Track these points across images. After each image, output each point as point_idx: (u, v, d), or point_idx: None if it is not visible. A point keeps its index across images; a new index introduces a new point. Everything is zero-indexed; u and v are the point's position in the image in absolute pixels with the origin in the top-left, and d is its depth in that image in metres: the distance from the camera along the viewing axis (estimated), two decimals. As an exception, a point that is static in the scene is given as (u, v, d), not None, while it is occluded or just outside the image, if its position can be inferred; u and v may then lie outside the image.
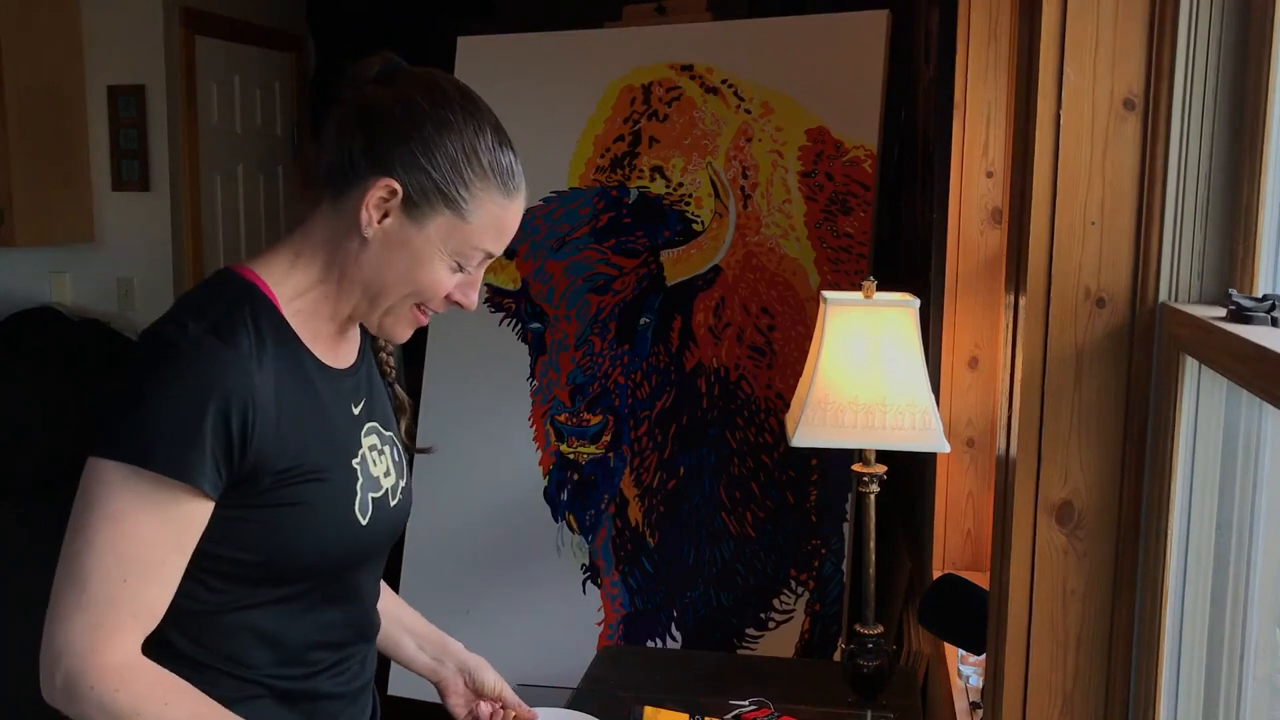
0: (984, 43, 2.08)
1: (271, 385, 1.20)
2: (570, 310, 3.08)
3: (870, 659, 1.93)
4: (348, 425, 1.32)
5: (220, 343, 1.17)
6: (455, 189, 1.23)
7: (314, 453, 1.24)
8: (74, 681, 1.14)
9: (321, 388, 1.28)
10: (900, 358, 1.87)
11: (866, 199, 2.93)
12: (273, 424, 1.19)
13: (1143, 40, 0.99)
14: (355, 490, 1.29)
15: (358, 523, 1.28)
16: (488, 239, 1.26)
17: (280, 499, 1.22)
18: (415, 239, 1.24)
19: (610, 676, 2.17)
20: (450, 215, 1.24)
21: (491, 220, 1.26)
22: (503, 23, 4.10)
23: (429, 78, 1.28)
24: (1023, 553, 1.05)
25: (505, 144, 1.28)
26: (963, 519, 2.19)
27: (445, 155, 1.23)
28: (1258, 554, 0.96)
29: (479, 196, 1.24)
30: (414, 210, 1.23)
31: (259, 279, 1.26)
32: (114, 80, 4.20)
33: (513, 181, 1.27)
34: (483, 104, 1.29)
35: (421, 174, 1.22)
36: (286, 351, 1.24)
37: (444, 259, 1.25)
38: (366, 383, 1.38)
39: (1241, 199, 0.96)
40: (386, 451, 1.38)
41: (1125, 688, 1.05)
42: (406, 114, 1.24)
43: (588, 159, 3.15)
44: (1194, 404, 0.96)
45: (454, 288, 1.28)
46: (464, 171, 1.23)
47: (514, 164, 1.28)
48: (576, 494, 3.04)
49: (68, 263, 4.31)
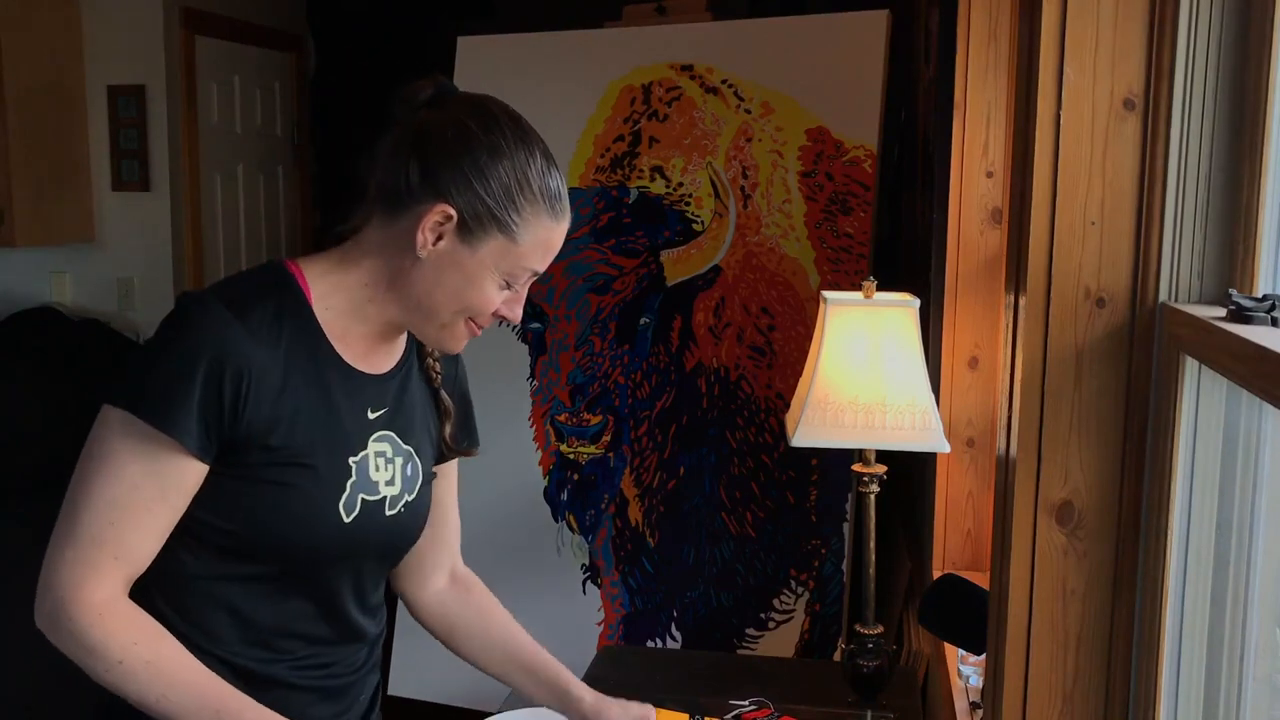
0: (984, 43, 2.08)
1: (279, 364, 1.25)
2: (570, 310, 3.08)
3: (870, 659, 1.93)
4: (356, 424, 1.34)
5: (230, 313, 1.23)
6: (508, 213, 1.27)
7: (309, 440, 1.28)
8: (57, 612, 1.20)
9: (335, 383, 1.31)
10: (900, 358, 1.87)
11: (866, 199, 2.93)
12: (270, 399, 1.24)
13: (1143, 40, 0.99)
14: (344, 486, 1.31)
15: (339, 518, 1.30)
16: (535, 259, 1.31)
17: (266, 475, 1.26)
18: (468, 261, 1.28)
19: (610, 676, 2.17)
20: (503, 238, 1.28)
21: (540, 242, 1.30)
22: (503, 23, 4.10)
23: (481, 103, 1.33)
24: (1023, 553, 1.05)
25: (553, 167, 1.32)
26: (963, 519, 2.19)
27: (499, 181, 1.27)
28: (1258, 554, 0.96)
29: (529, 220, 1.28)
30: (468, 234, 1.27)
31: (300, 272, 1.32)
32: (114, 80, 4.20)
33: (560, 205, 1.31)
34: (531, 130, 1.33)
35: (475, 199, 1.27)
36: (305, 341, 1.29)
37: (494, 279, 1.29)
38: (398, 394, 1.40)
39: (1241, 199, 0.96)
40: (397, 463, 1.38)
41: (1125, 688, 1.05)
42: (460, 139, 1.28)
43: (588, 159, 3.15)
44: (1194, 404, 0.96)
45: (501, 304, 1.32)
46: (516, 197, 1.28)
47: (560, 187, 1.32)
48: (576, 494, 3.04)
49: (68, 263, 4.31)
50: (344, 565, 1.35)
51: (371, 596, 1.43)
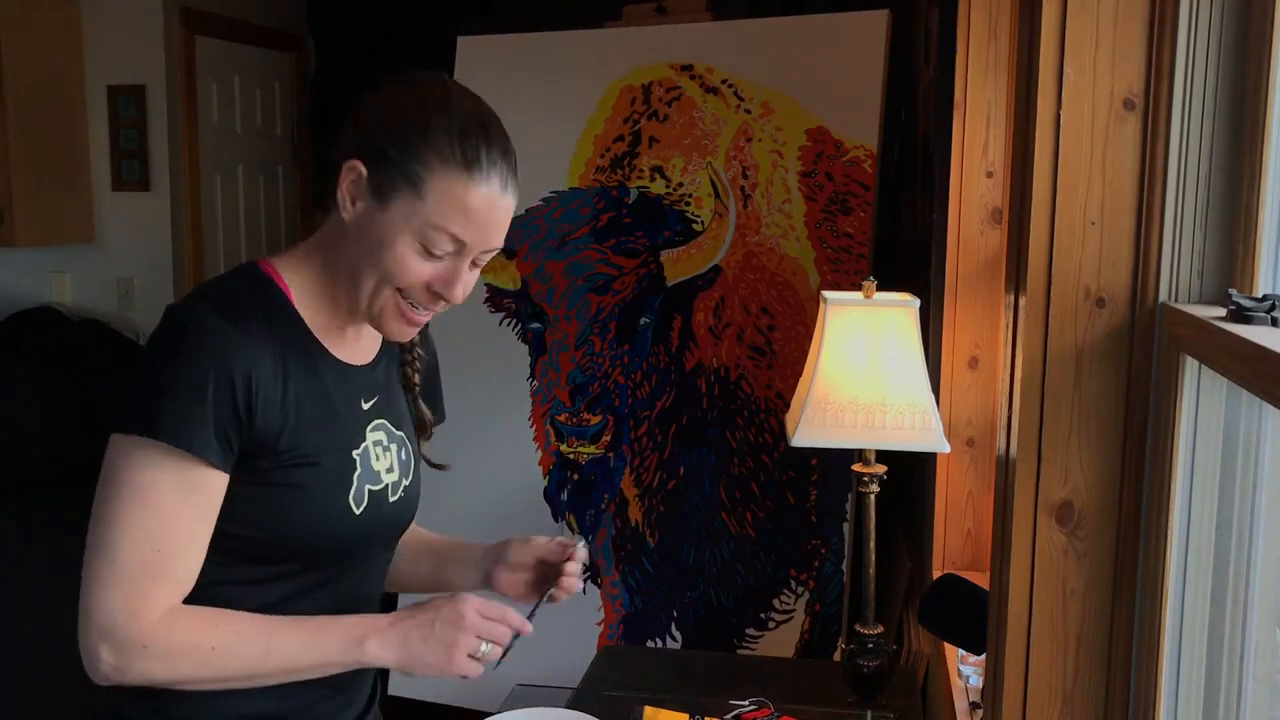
0: (984, 43, 2.08)
1: (277, 368, 1.25)
2: (570, 310, 3.08)
3: (870, 659, 1.93)
4: (353, 417, 1.35)
5: (225, 321, 1.23)
6: (412, 165, 1.23)
7: (312, 438, 1.28)
8: (127, 649, 1.19)
9: (328, 378, 1.32)
10: (900, 358, 1.87)
11: (866, 199, 2.93)
12: (276, 401, 1.24)
13: (1143, 40, 0.99)
14: (351, 480, 1.32)
15: (350, 511, 1.31)
16: (451, 220, 1.25)
17: (277, 479, 1.26)
18: (381, 220, 1.25)
19: (610, 676, 2.17)
20: (409, 193, 1.24)
21: (452, 200, 1.24)
22: (503, 23, 4.10)
23: (415, 75, 1.31)
24: (1023, 553, 1.05)
25: (481, 130, 1.26)
26: (963, 519, 2.19)
27: (401, 131, 1.24)
28: (1258, 554, 0.96)
29: (437, 173, 1.23)
30: (378, 190, 1.25)
31: (276, 272, 1.31)
32: (114, 80, 4.20)
33: (479, 163, 1.25)
34: (468, 97, 1.30)
35: (380, 152, 1.25)
36: (294, 340, 1.29)
37: (408, 241, 1.25)
38: (385, 382, 1.41)
39: (1241, 199, 0.96)
40: (393, 449, 1.40)
41: (1125, 688, 1.05)
42: (379, 103, 1.28)
43: (588, 159, 3.15)
44: (1194, 404, 0.96)
45: (432, 277, 1.28)
46: (421, 147, 1.24)
47: (485, 147, 1.26)
48: (576, 494, 3.04)
49: (68, 263, 4.31)
50: (358, 556, 1.37)
51: (379, 583, 1.45)
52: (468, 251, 1.28)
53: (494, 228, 1.29)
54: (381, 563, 1.44)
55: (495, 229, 1.29)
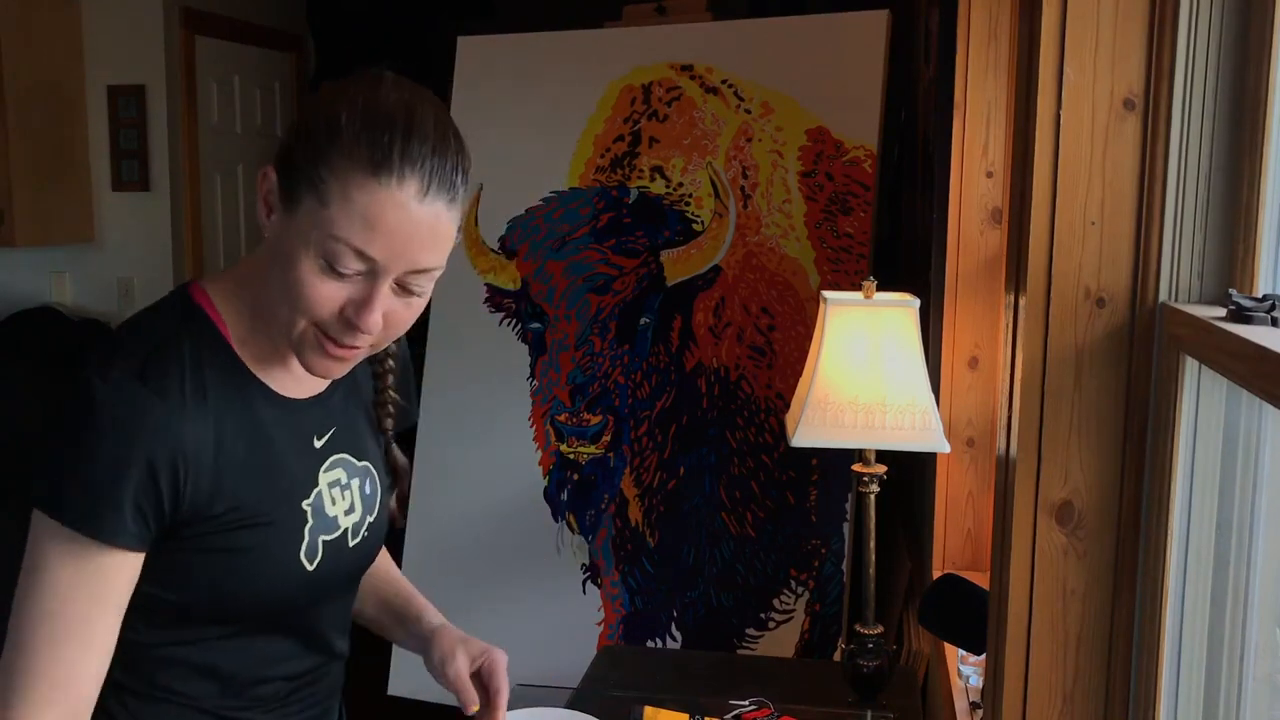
0: (984, 43, 2.08)
1: (209, 430, 1.11)
2: (570, 310, 3.07)
3: (870, 659, 1.93)
4: (303, 462, 1.21)
5: (146, 390, 1.08)
6: (315, 166, 1.06)
7: (255, 497, 1.15)
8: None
9: (272, 424, 1.18)
10: (900, 358, 1.87)
11: (866, 199, 2.93)
12: (208, 472, 1.11)
13: (1143, 40, 0.99)
14: (303, 535, 1.19)
15: (303, 569, 1.19)
16: (353, 231, 1.04)
17: (215, 544, 1.13)
18: (289, 232, 1.08)
19: (610, 676, 2.17)
20: (312, 200, 1.06)
21: (356, 207, 1.04)
22: (503, 23, 4.10)
23: (359, 73, 1.13)
24: (1023, 553, 1.05)
25: (400, 124, 1.06)
26: (963, 519, 2.19)
27: (309, 128, 1.08)
28: (1258, 554, 0.96)
29: (339, 174, 1.05)
30: (287, 198, 1.08)
31: (208, 302, 1.17)
32: (114, 80, 4.20)
33: (390, 161, 1.04)
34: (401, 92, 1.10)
35: (288, 153, 1.09)
36: (231, 386, 1.15)
37: (310, 255, 1.06)
38: (341, 411, 1.27)
39: (1241, 199, 0.96)
40: (354, 486, 1.27)
41: (1125, 688, 1.05)
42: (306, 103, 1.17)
43: (588, 159, 3.15)
44: (1194, 404, 0.96)
45: (345, 302, 1.08)
46: (323, 145, 1.06)
47: (402, 143, 1.05)
48: (576, 494, 3.04)
49: (68, 263, 4.31)
50: (317, 607, 1.26)
51: (343, 623, 1.34)
52: (382, 272, 1.07)
53: (413, 243, 1.06)
54: (343, 606, 1.33)
55: (415, 244, 1.07)
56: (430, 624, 1.42)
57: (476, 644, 1.40)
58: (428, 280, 1.11)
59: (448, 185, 1.08)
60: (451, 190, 1.08)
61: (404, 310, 1.11)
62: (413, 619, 1.44)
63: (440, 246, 1.09)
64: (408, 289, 1.10)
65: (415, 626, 1.43)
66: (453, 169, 1.08)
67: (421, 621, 1.43)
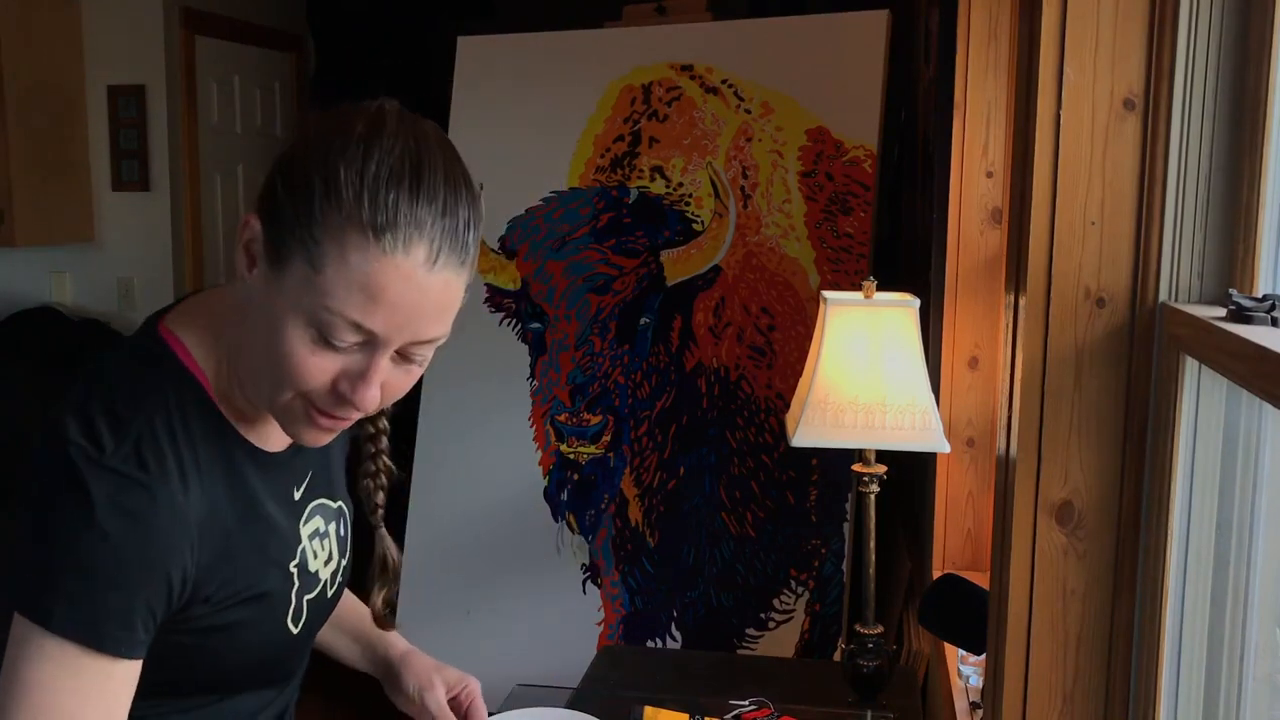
0: (984, 43, 2.08)
1: (206, 507, 1.00)
2: (570, 310, 3.08)
3: (870, 659, 1.93)
4: (286, 521, 1.11)
5: (149, 478, 0.95)
6: (308, 226, 0.92)
7: (250, 571, 1.05)
8: None
9: (256, 485, 1.07)
10: (900, 358, 1.87)
11: (866, 199, 2.93)
12: (209, 554, 1.00)
13: (1143, 40, 0.99)
14: (291, 599, 1.11)
15: (288, 633, 1.12)
16: (349, 302, 0.92)
17: (210, 623, 1.03)
18: (275, 295, 0.95)
19: (610, 676, 2.17)
20: (303, 264, 0.93)
21: (354, 276, 0.91)
22: (503, 23, 4.10)
23: (355, 104, 1.00)
24: (1023, 553, 1.05)
25: (407, 180, 0.93)
26: (963, 519, 2.19)
27: (301, 182, 0.94)
28: (1258, 554, 0.96)
29: (335, 238, 0.91)
30: (274, 256, 0.95)
31: (185, 351, 1.03)
32: (114, 80, 4.20)
33: (394, 224, 0.91)
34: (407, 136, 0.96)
35: (277, 206, 0.95)
36: (219, 451, 1.03)
37: (300, 326, 0.94)
38: (315, 455, 1.15)
39: (1241, 199, 0.96)
40: (331, 530, 1.18)
41: (1125, 688, 1.05)
42: (295, 141, 0.99)
43: (588, 159, 3.15)
44: (1194, 404, 0.96)
45: (339, 375, 0.96)
46: (316, 203, 0.92)
47: (408, 203, 0.92)
48: (576, 494, 3.04)
49: (68, 263, 4.31)
50: (292, 663, 1.20)
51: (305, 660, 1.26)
52: (382, 345, 0.95)
53: (419, 316, 0.95)
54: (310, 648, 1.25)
55: (421, 317, 0.95)
56: (395, 648, 1.35)
57: (452, 672, 1.33)
58: (431, 349, 1.01)
59: (459, 248, 0.95)
60: (463, 253, 0.96)
61: (403, 378, 1.01)
62: (373, 641, 1.35)
63: (448, 315, 0.99)
64: (408, 358, 0.99)
65: (378, 650, 1.35)
66: (465, 227, 0.96)
67: (385, 644, 1.35)
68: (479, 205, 0.99)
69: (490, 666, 3.00)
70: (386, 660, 1.34)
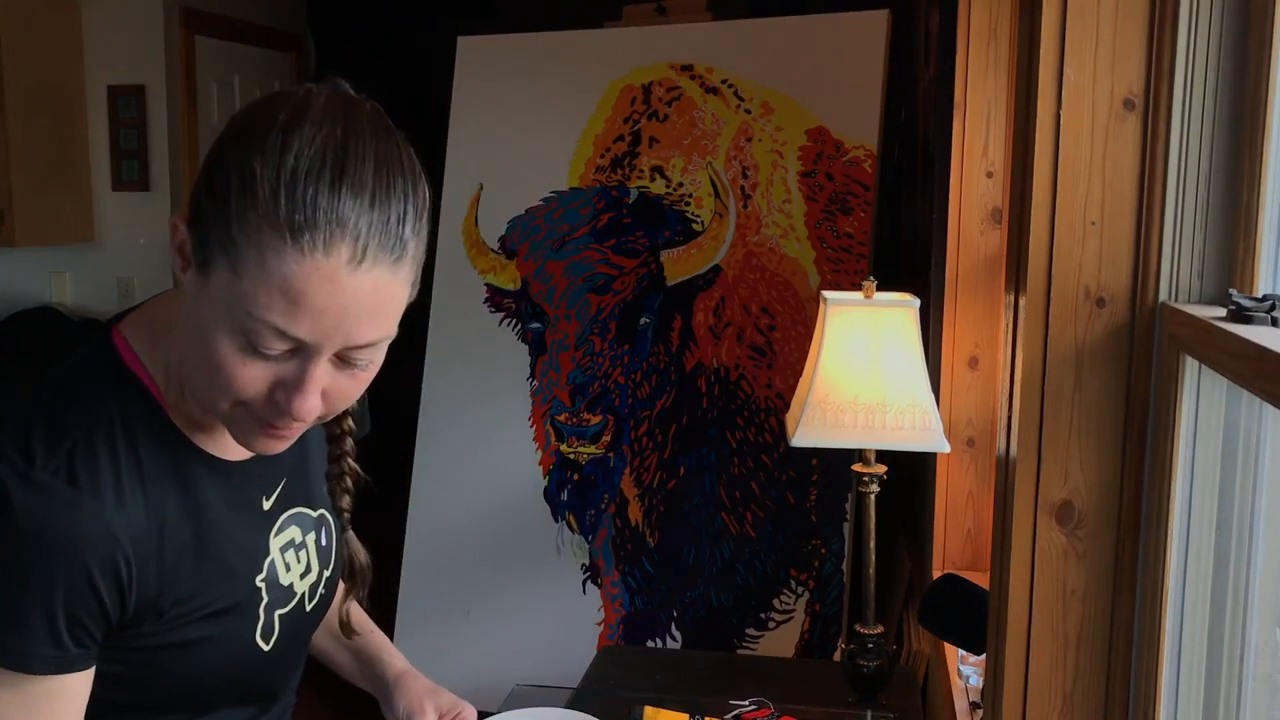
0: (984, 43, 2.08)
1: (151, 518, 0.96)
2: (570, 310, 3.08)
3: (870, 659, 1.93)
4: (252, 532, 1.07)
5: (76, 493, 0.91)
6: (226, 227, 0.87)
7: (204, 583, 1.01)
8: None
9: (214, 496, 1.02)
10: (900, 358, 1.87)
11: (866, 199, 2.93)
12: (154, 565, 0.96)
13: (1143, 40, 0.99)
14: (258, 615, 1.06)
15: (258, 650, 1.07)
16: (272, 309, 0.86)
17: (165, 640, 0.99)
18: (204, 301, 0.90)
19: (610, 676, 2.17)
20: (225, 268, 0.88)
21: (273, 280, 0.86)
22: (503, 23, 4.10)
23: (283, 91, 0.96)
24: (1023, 553, 1.05)
25: (330, 173, 0.87)
26: (963, 519, 2.19)
27: (220, 180, 0.89)
28: (1258, 554, 0.96)
29: (252, 240, 0.86)
30: (200, 260, 0.91)
31: (134, 358, 1.00)
32: (114, 80, 4.20)
33: (312, 222, 0.85)
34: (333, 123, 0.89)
35: (199, 208, 0.91)
36: (168, 461, 0.99)
37: (228, 333, 0.89)
38: (290, 459, 1.10)
39: (1241, 199, 0.96)
40: (310, 541, 1.13)
41: (1125, 688, 1.05)
42: (218, 137, 0.95)
43: (588, 159, 3.15)
44: (1194, 404, 0.96)
45: (274, 383, 0.91)
46: (234, 202, 0.87)
47: (329, 198, 0.86)
48: (576, 494, 3.04)
49: (68, 263, 4.31)
50: (274, 677, 1.14)
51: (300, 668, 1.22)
52: (314, 352, 0.89)
53: (347, 319, 0.88)
54: (295, 664, 1.19)
55: (350, 320, 0.88)
56: (392, 667, 1.32)
57: (446, 696, 1.31)
58: (376, 351, 0.93)
59: (390, 245, 0.88)
60: (397, 249, 0.89)
61: (349, 383, 0.94)
62: (371, 658, 1.33)
63: (386, 316, 0.91)
64: (350, 363, 0.92)
65: (374, 667, 1.33)
66: (398, 221, 0.89)
67: (382, 662, 1.33)
68: (420, 195, 0.92)
69: (490, 666, 3.01)
70: (382, 679, 1.32)
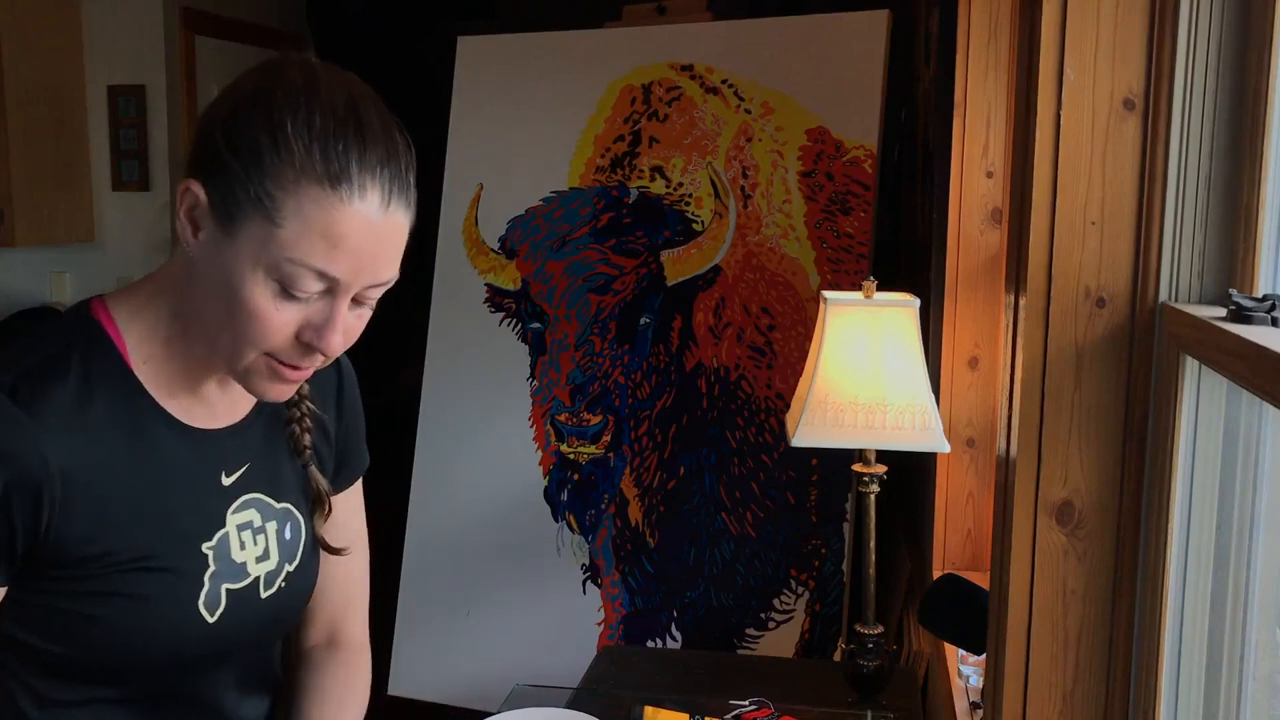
0: (984, 43, 2.08)
1: (89, 457, 1.00)
2: (570, 310, 3.08)
3: (870, 659, 1.93)
4: (206, 500, 1.10)
5: (11, 402, 0.97)
6: (260, 182, 0.96)
7: (145, 535, 1.04)
8: None
9: (170, 456, 1.07)
10: (900, 358, 1.87)
11: (866, 199, 2.93)
12: (84, 503, 1.00)
13: (1143, 40, 0.99)
14: (202, 581, 1.08)
15: (201, 620, 1.08)
16: (314, 252, 0.96)
17: (97, 588, 1.02)
18: (229, 254, 0.98)
19: (610, 676, 2.17)
20: (259, 219, 0.96)
21: (315, 225, 0.96)
22: (503, 23, 4.10)
23: (276, 60, 1.03)
24: (1023, 553, 1.05)
25: (353, 131, 0.98)
26: (963, 519, 2.19)
27: (247, 140, 0.97)
28: (1258, 554, 0.96)
29: (290, 191, 0.95)
30: (223, 217, 0.98)
31: (110, 319, 1.07)
32: (114, 80, 4.20)
33: (347, 174, 0.96)
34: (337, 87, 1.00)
35: (221, 165, 0.97)
36: (124, 412, 1.04)
37: (261, 280, 0.97)
38: (260, 446, 1.16)
39: (1241, 199, 0.96)
40: (269, 530, 1.15)
41: (1125, 688, 1.05)
42: (226, 100, 1.01)
43: (588, 159, 3.15)
44: (1194, 404, 0.96)
45: (301, 325, 1.00)
46: (267, 158, 0.96)
47: (359, 153, 0.97)
48: (576, 494, 3.04)
49: (68, 263, 4.31)
50: (219, 667, 1.14)
51: (259, 681, 1.22)
52: (343, 290, 1.00)
53: (377, 258, 1.00)
54: (253, 667, 1.19)
55: (379, 260, 1.00)
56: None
57: None
58: (382, 290, 1.04)
59: (405, 189, 1.01)
60: (409, 193, 1.01)
61: (355, 323, 1.04)
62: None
63: (399, 256, 1.03)
64: (361, 302, 1.03)
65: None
66: (406, 169, 1.01)
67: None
68: (410, 147, 1.03)
69: (490, 666, 3.01)
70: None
